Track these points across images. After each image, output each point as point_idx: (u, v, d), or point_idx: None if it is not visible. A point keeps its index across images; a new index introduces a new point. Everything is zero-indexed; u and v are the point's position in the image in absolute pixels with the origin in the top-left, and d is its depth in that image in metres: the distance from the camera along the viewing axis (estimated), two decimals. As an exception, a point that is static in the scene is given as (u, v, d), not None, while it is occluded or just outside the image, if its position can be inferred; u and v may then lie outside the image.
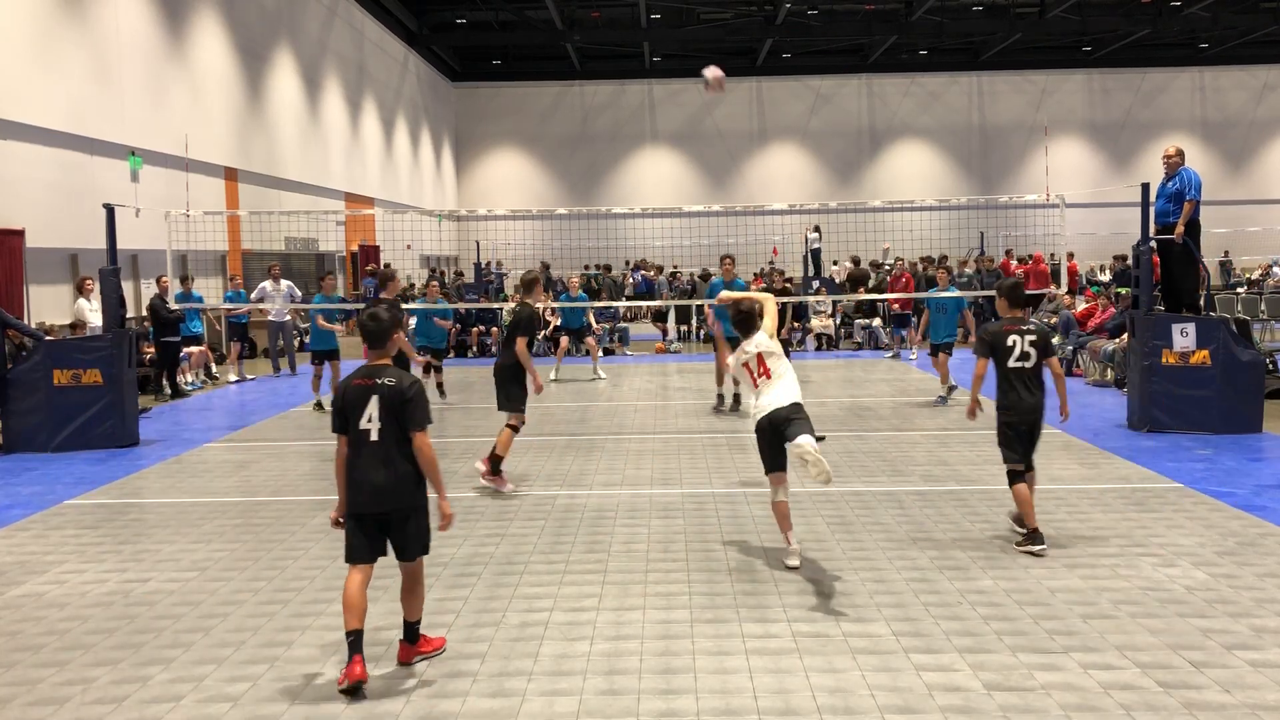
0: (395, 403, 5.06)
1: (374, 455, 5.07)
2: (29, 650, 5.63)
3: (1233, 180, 41.62)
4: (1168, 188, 11.74)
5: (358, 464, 5.09)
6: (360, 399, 5.09)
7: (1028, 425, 7.09)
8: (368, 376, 5.14)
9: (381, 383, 5.10)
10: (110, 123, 17.66)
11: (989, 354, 7.15)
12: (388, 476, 5.07)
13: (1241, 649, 5.30)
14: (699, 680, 5.05)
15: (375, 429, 5.06)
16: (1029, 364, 7.01)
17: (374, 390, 5.09)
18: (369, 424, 5.06)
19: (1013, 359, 7.00)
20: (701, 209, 19.22)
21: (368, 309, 5.34)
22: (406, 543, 5.21)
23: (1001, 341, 7.06)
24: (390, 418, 5.06)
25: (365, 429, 5.07)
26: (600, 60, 41.77)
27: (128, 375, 11.91)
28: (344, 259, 29.69)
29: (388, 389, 5.09)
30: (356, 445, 5.11)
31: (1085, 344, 16.40)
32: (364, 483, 5.08)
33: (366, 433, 5.07)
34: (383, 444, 5.06)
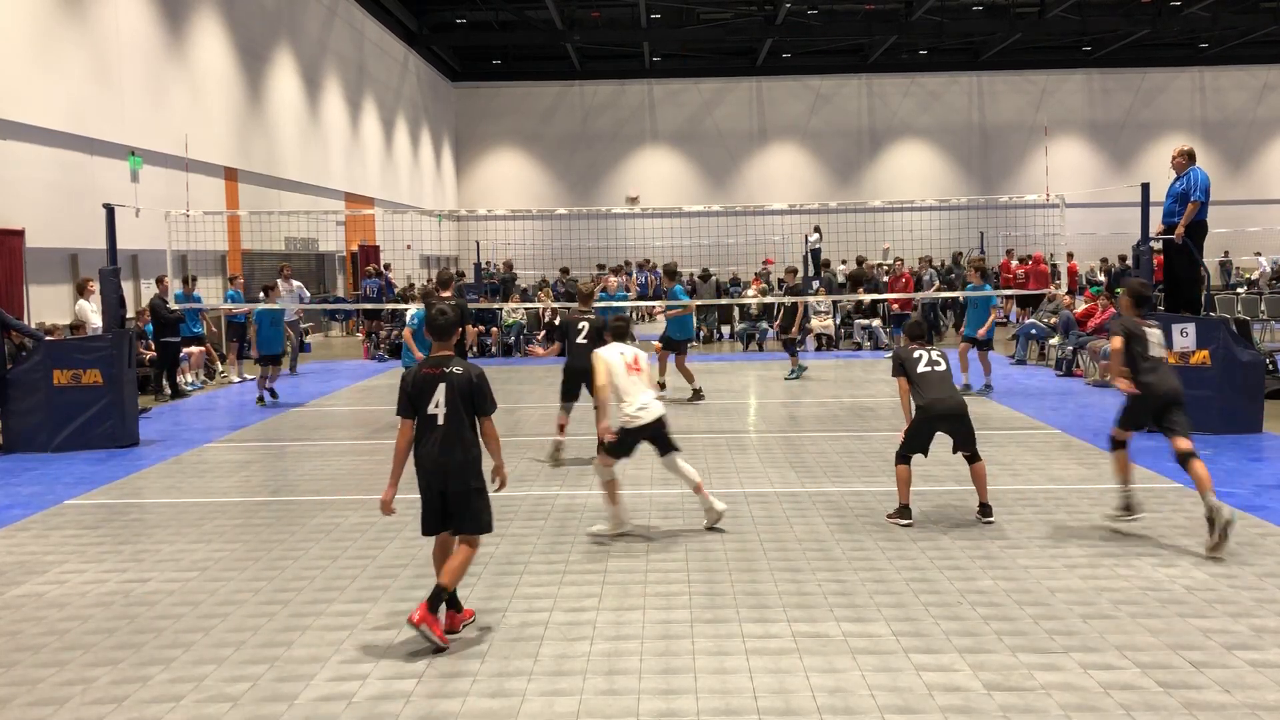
0: (464, 389, 5.42)
1: (441, 437, 5.40)
2: (29, 650, 5.63)
3: (1233, 180, 41.61)
4: (1175, 188, 11.69)
5: (424, 445, 5.44)
6: (429, 385, 5.43)
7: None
8: (436, 366, 5.49)
9: (449, 371, 5.45)
10: (110, 123, 17.66)
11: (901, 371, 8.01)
12: (452, 457, 5.40)
13: (1241, 649, 5.30)
14: (699, 680, 5.05)
15: (442, 413, 5.39)
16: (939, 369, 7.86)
17: (442, 378, 5.43)
18: (436, 409, 5.40)
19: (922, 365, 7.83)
20: (701, 209, 19.21)
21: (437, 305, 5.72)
22: (466, 518, 5.52)
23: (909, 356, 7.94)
24: (457, 403, 5.41)
25: (433, 414, 5.40)
26: (600, 60, 41.77)
27: (128, 375, 11.92)
28: (344, 259, 29.70)
29: (456, 377, 5.44)
30: (423, 428, 5.45)
31: (1085, 344, 16.40)
32: (429, 462, 5.42)
33: (434, 417, 5.41)
34: (449, 427, 5.41)
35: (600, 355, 7.68)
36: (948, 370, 7.91)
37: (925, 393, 7.73)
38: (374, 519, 8.19)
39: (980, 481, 7.85)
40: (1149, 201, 11.87)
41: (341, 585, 6.61)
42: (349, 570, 6.92)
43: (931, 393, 7.72)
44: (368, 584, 6.62)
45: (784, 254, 34.70)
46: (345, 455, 11.03)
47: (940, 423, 7.74)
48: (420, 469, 5.48)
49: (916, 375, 7.80)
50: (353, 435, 12.37)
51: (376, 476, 9.82)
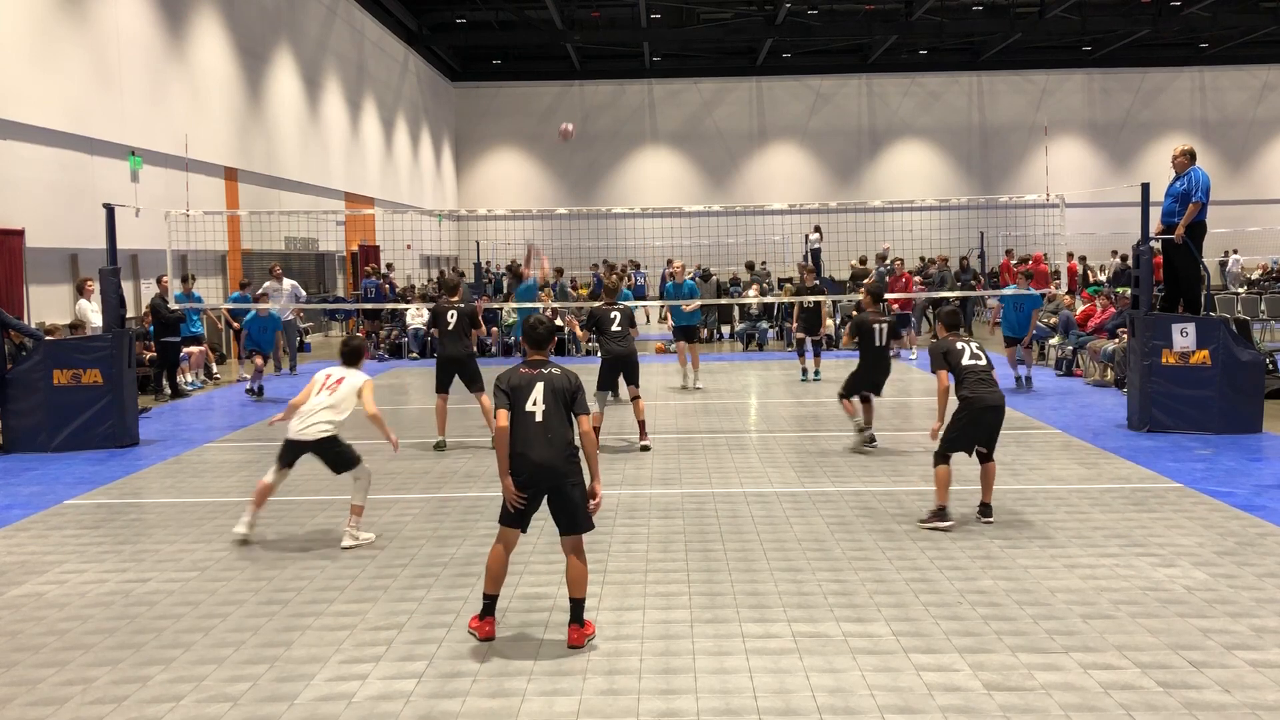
0: (561, 389, 5.61)
1: (538, 433, 5.53)
2: (29, 650, 5.63)
3: (1233, 180, 41.60)
4: (1175, 187, 11.69)
5: (521, 441, 5.54)
6: (527, 384, 5.61)
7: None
8: (533, 367, 5.70)
9: (547, 372, 5.66)
10: (110, 123, 17.66)
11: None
12: (549, 453, 5.52)
13: (1241, 649, 5.30)
14: (699, 680, 5.05)
15: (540, 410, 5.55)
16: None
17: (540, 378, 5.62)
18: (534, 406, 5.55)
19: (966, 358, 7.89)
20: (701, 209, 19.22)
21: (532, 314, 6.06)
22: (571, 513, 5.57)
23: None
24: (555, 402, 5.58)
25: (530, 410, 5.55)
26: (600, 60, 41.76)
27: (128, 375, 11.91)
28: (344, 259, 29.69)
29: (554, 376, 5.65)
30: (522, 425, 5.55)
31: (1085, 344, 16.40)
32: (527, 458, 5.51)
33: (532, 414, 5.55)
34: (546, 424, 5.54)
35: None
36: (989, 363, 7.87)
37: (972, 386, 7.65)
38: (374, 519, 8.19)
39: (989, 481, 7.83)
40: (1149, 201, 11.86)
41: (341, 585, 6.61)
42: (349, 570, 6.92)
43: (980, 386, 7.65)
44: (368, 584, 6.63)
45: (784, 254, 34.75)
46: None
47: (988, 415, 7.67)
48: (516, 464, 5.55)
49: (962, 368, 7.72)
50: (353, 435, 12.33)
51: (375, 477, 9.81)
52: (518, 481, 5.55)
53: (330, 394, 7.54)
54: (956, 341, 7.91)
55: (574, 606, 5.54)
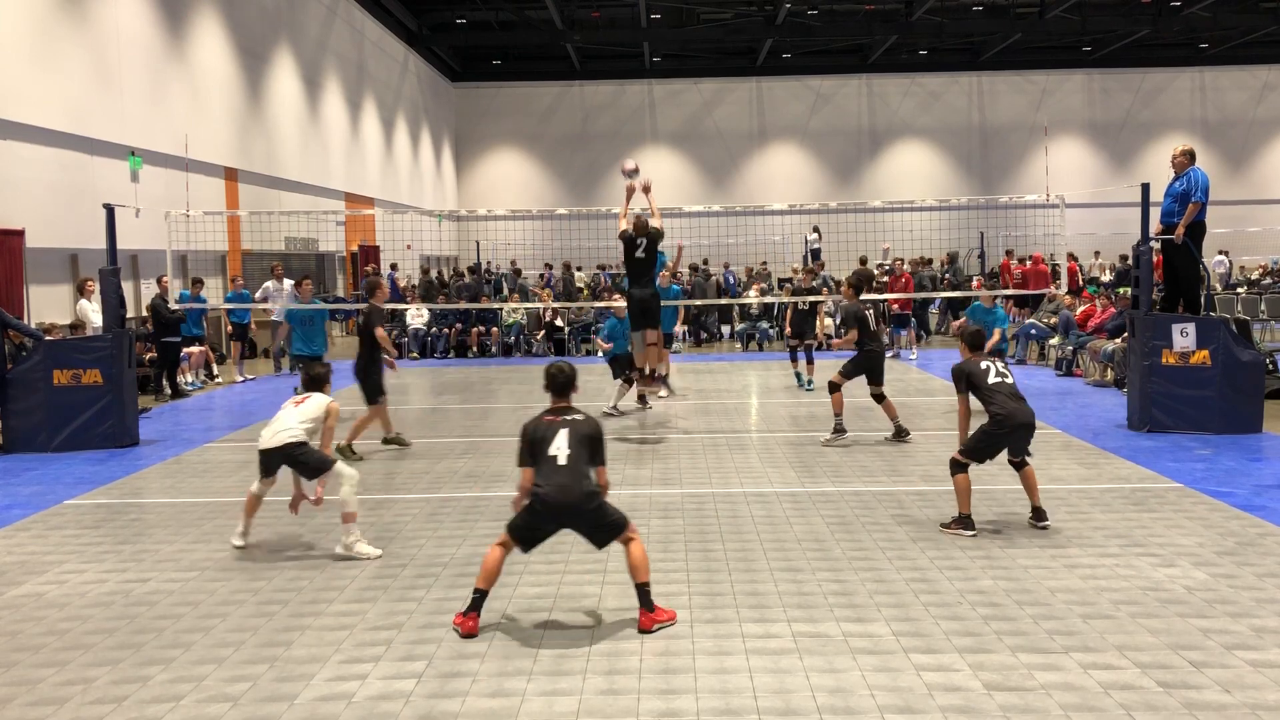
0: (585, 435, 5.81)
1: (561, 476, 5.69)
2: (29, 650, 5.63)
3: (1233, 180, 41.59)
4: (1175, 188, 11.69)
5: (541, 486, 5.70)
6: (550, 432, 5.80)
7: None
8: (556, 414, 5.90)
9: (570, 419, 5.87)
10: (110, 123, 17.66)
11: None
12: (573, 494, 5.67)
13: (1241, 649, 5.30)
14: (699, 680, 5.05)
15: (564, 454, 5.72)
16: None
17: (563, 425, 5.83)
18: (557, 450, 5.73)
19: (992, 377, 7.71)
20: (701, 209, 19.22)
21: (553, 363, 6.14)
22: (598, 536, 5.83)
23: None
24: (578, 447, 5.77)
25: (553, 455, 5.72)
26: (600, 60, 41.75)
27: (128, 375, 11.91)
28: (344, 259, 29.69)
29: (578, 423, 5.85)
30: (543, 470, 5.74)
31: (1085, 344, 16.41)
32: (547, 502, 5.67)
33: (554, 458, 5.72)
34: (569, 468, 5.71)
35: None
36: (1014, 380, 7.73)
37: (1003, 404, 7.50)
38: (374, 519, 8.19)
39: (1032, 484, 7.71)
40: (1149, 201, 11.86)
41: (341, 585, 6.61)
42: (349, 570, 6.92)
43: (1010, 402, 7.50)
44: (368, 584, 6.63)
45: (784, 254, 34.75)
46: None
47: (1020, 431, 7.55)
48: (543, 508, 5.67)
49: (988, 387, 7.57)
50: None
51: (376, 476, 9.83)
52: (535, 519, 5.71)
53: (295, 407, 7.53)
54: (980, 361, 7.77)
55: (640, 592, 5.70)
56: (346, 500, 7.23)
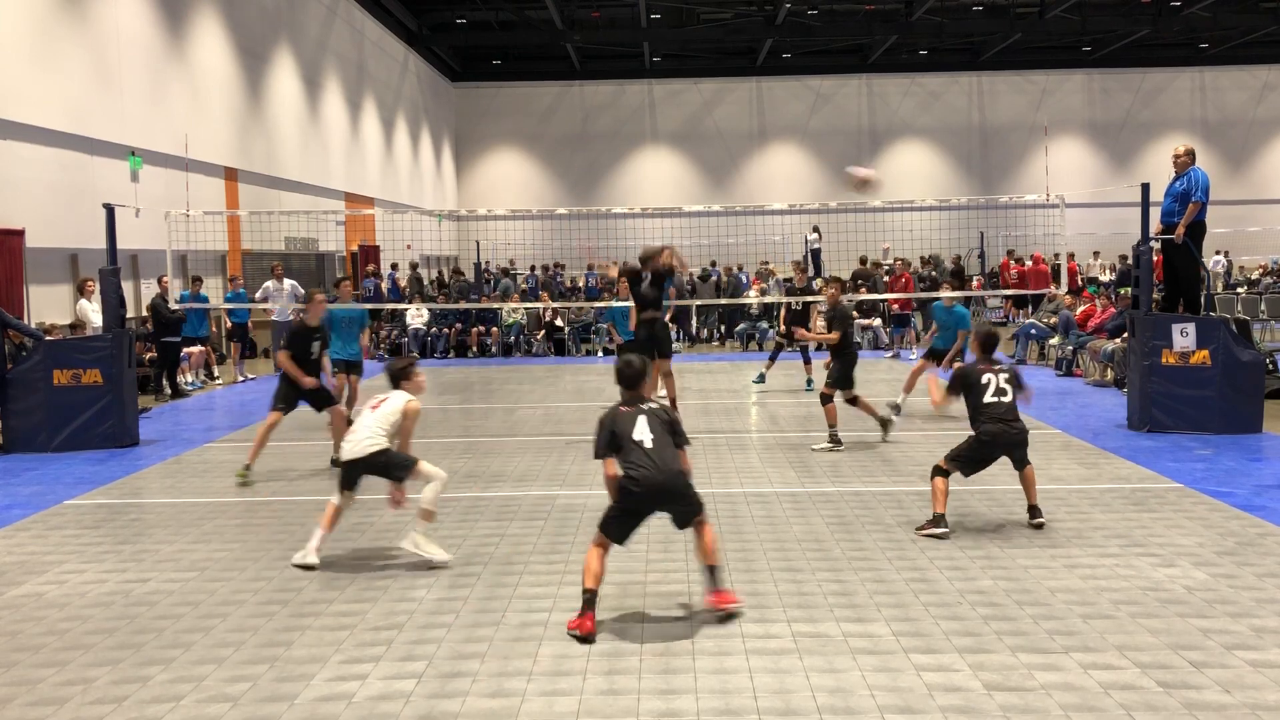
0: (664, 420, 5.96)
1: (649, 459, 5.76)
2: (29, 650, 5.63)
3: (1233, 180, 41.58)
4: (1175, 187, 11.69)
5: (634, 469, 5.75)
6: (629, 420, 5.90)
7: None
8: (631, 404, 6.01)
9: (647, 407, 6.00)
10: (110, 123, 17.66)
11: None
12: (664, 475, 5.77)
13: (1241, 649, 5.30)
14: (699, 680, 5.05)
15: (649, 438, 5.82)
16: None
17: (641, 412, 5.94)
18: (641, 436, 5.83)
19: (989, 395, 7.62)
20: (701, 209, 19.24)
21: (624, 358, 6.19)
22: (685, 515, 5.97)
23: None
24: (661, 431, 5.89)
25: (639, 440, 5.82)
26: (600, 60, 41.74)
27: (128, 375, 11.91)
28: (344, 259, 29.69)
29: (654, 410, 6.01)
30: (632, 455, 5.79)
31: (1085, 344, 16.41)
32: (643, 483, 5.73)
33: (641, 443, 5.81)
34: (658, 450, 5.80)
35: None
36: (1014, 401, 7.60)
37: (988, 427, 7.49)
38: (374, 519, 8.19)
39: (1030, 483, 7.69)
40: (1149, 201, 11.86)
41: (341, 585, 6.61)
42: (349, 570, 6.92)
43: (995, 426, 7.47)
44: (367, 584, 6.63)
45: (784, 254, 34.73)
46: (345, 455, 11.02)
47: (1008, 449, 7.59)
48: (641, 489, 5.73)
49: (982, 405, 7.53)
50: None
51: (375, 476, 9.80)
52: (631, 503, 5.79)
53: (373, 411, 7.23)
54: (984, 373, 7.57)
55: (710, 573, 5.92)
56: (428, 500, 7.08)
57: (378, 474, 7.14)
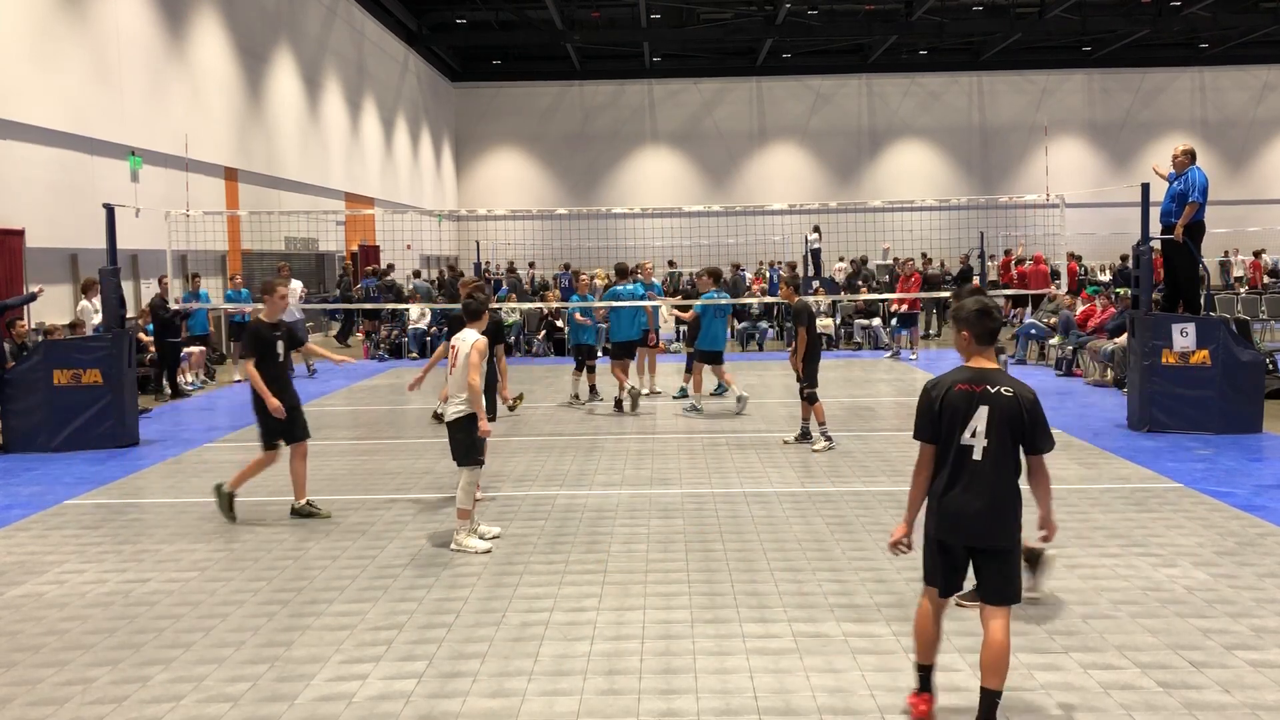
0: (1013, 416, 4.29)
1: (974, 477, 4.31)
2: (29, 650, 5.63)
3: (1233, 180, 41.60)
4: (1174, 188, 11.70)
5: (952, 485, 4.34)
6: (965, 407, 4.31)
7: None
8: (976, 381, 4.35)
9: (996, 391, 4.31)
10: (110, 123, 17.66)
11: None
12: (989, 505, 4.30)
13: (1241, 649, 5.30)
14: (699, 680, 5.05)
15: (980, 446, 4.30)
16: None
17: (984, 399, 4.31)
18: (973, 439, 4.31)
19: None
20: (701, 209, 19.23)
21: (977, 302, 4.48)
22: (997, 584, 4.36)
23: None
24: (1003, 434, 4.29)
25: (968, 444, 4.31)
26: (600, 60, 41.76)
27: (128, 375, 11.91)
28: (344, 259, 29.70)
29: (1004, 399, 4.30)
30: (953, 463, 4.34)
31: (1085, 344, 16.41)
32: (961, 509, 4.32)
33: (969, 449, 4.31)
34: (987, 465, 4.30)
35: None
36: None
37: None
38: (374, 519, 8.19)
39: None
40: (1149, 201, 11.86)
41: (341, 585, 6.61)
42: (349, 570, 6.92)
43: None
44: (368, 584, 6.63)
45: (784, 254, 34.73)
46: (345, 455, 11.03)
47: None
48: (943, 516, 4.37)
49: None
50: (352, 435, 12.37)
51: (376, 476, 9.83)
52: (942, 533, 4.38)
53: (454, 370, 7.39)
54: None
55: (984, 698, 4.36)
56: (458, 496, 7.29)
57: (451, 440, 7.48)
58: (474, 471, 7.45)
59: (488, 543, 7.35)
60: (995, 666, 4.32)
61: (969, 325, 4.44)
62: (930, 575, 4.53)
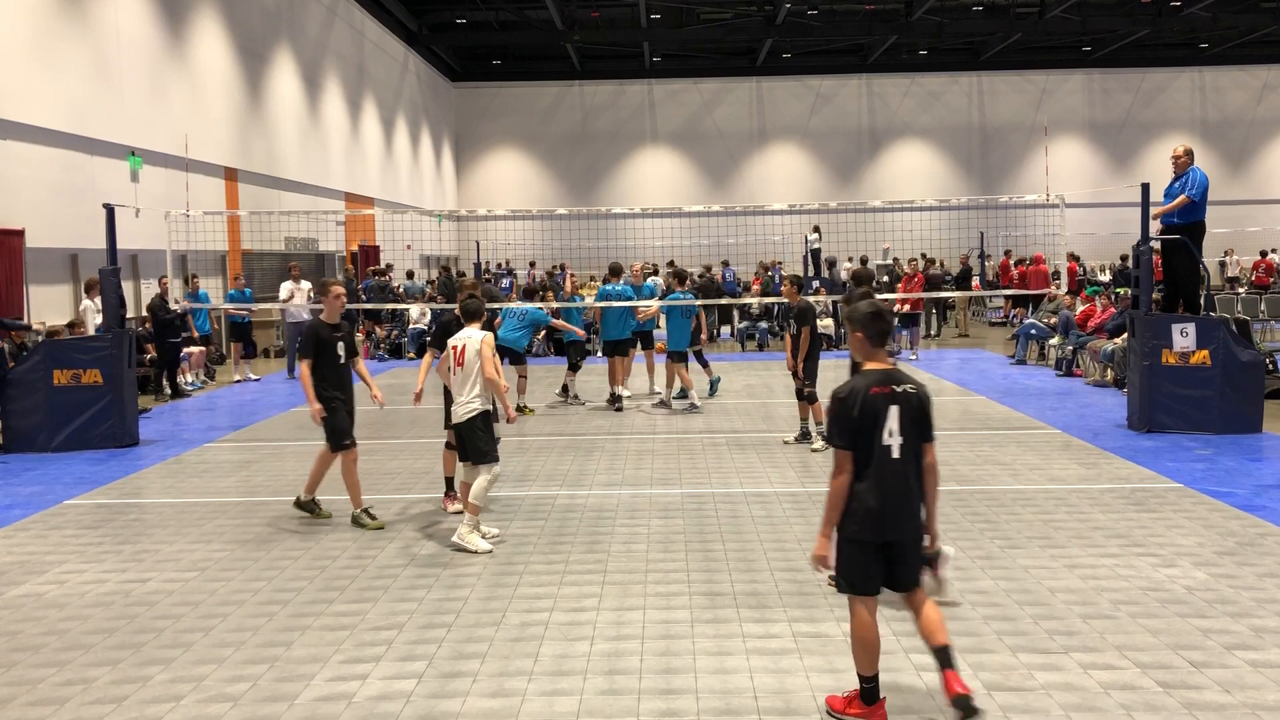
0: (918, 412, 4.49)
1: (895, 475, 4.46)
2: (29, 650, 5.63)
3: (1233, 180, 41.59)
4: (1174, 188, 11.71)
5: (873, 485, 4.45)
6: (882, 408, 4.44)
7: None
8: (885, 383, 4.49)
9: (903, 390, 4.49)
10: (110, 123, 17.66)
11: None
12: (908, 498, 4.51)
13: (1241, 649, 5.30)
14: (699, 680, 5.05)
15: (897, 444, 4.44)
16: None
17: (894, 399, 4.46)
18: (890, 439, 4.44)
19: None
20: (701, 209, 19.22)
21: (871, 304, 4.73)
22: (914, 570, 4.60)
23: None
24: (910, 430, 4.47)
25: (888, 444, 4.45)
26: (600, 60, 41.75)
27: (128, 375, 11.92)
28: (344, 259, 29.69)
29: (910, 396, 4.49)
30: (874, 463, 4.45)
31: (1085, 344, 16.41)
32: (883, 506, 4.45)
33: (889, 449, 4.44)
34: (902, 461, 4.47)
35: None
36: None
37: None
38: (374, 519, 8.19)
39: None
40: (1149, 201, 11.86)
41: (341, 585, 6.61)
42: (349, 570, 6.92)
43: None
44: (368, 584, 6.63)
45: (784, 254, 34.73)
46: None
47: None
48: (867, 515, 4.48)
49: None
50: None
51: (375, 476, 9.83)
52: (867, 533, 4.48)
53: (461, 369, 7.37)
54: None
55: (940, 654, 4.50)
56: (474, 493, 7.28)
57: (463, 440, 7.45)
58: (492, 469, 7.38)
59: (489, 543, 7.33)
60: (936, 628, 4.53)
61: (863, 327, 4.59)
62: (861, 584, 4.57)
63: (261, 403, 15.19)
